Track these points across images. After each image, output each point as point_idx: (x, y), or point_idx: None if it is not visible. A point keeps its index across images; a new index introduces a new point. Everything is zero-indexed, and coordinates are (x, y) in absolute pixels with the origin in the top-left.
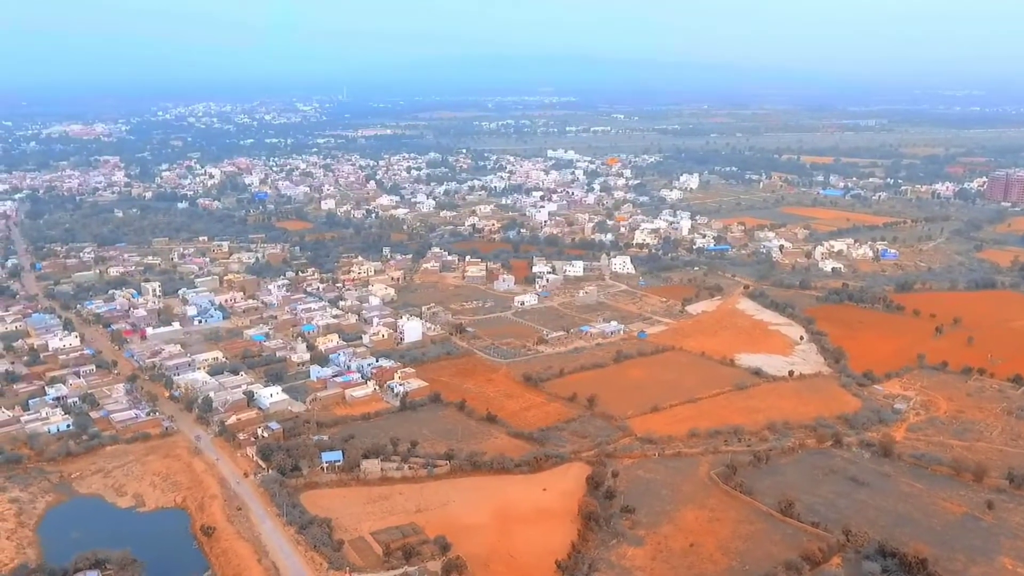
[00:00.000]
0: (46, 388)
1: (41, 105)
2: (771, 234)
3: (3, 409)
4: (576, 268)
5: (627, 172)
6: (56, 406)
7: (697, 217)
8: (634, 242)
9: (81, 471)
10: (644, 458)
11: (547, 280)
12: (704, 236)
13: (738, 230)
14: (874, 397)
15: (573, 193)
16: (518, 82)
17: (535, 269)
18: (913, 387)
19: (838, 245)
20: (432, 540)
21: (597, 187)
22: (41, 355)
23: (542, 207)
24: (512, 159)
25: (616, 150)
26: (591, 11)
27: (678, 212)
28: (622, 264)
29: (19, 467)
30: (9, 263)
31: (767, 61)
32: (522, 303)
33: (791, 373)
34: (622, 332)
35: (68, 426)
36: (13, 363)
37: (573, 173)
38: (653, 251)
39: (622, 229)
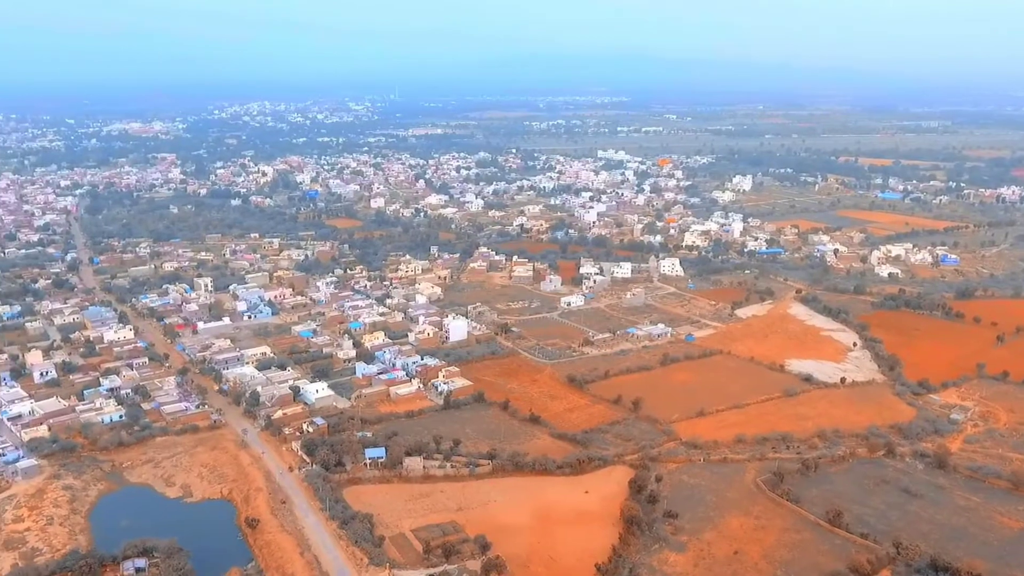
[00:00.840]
0: (101, 379)
1: (103, 104)
2: (826, 238)
3: (59, 399)
4: (624, 270)
5: (678, 173)
6: (110, 397)
7: (749, 219)
8: (683, 244)
9: (132, 461)
10: (689, 463)
11: (594, 281)
12: (756, 239)
13: (791, 233)
14: (930, 407)
15: (623, 194)
16: (570, 82)
17: (582, 270)
18: (971, 397)
19: (896, 250)
20: (472, 539)
21: (647, 188)
22: (97, 347)
23: (591, 208)
24: (562, 159)
25: (668, 151)
26: (646, 11)
27: (730, 214)
28: (671, 266)
29: (73, 455)
30: (69, 257)
31: (826, 61)
32: (568, 304)
33: (843, 380)
34: (669, 335)
35: (121, 417)
36: (70, 354)
37: (623, 174)
38: (703, 253)
39: (672, 231)
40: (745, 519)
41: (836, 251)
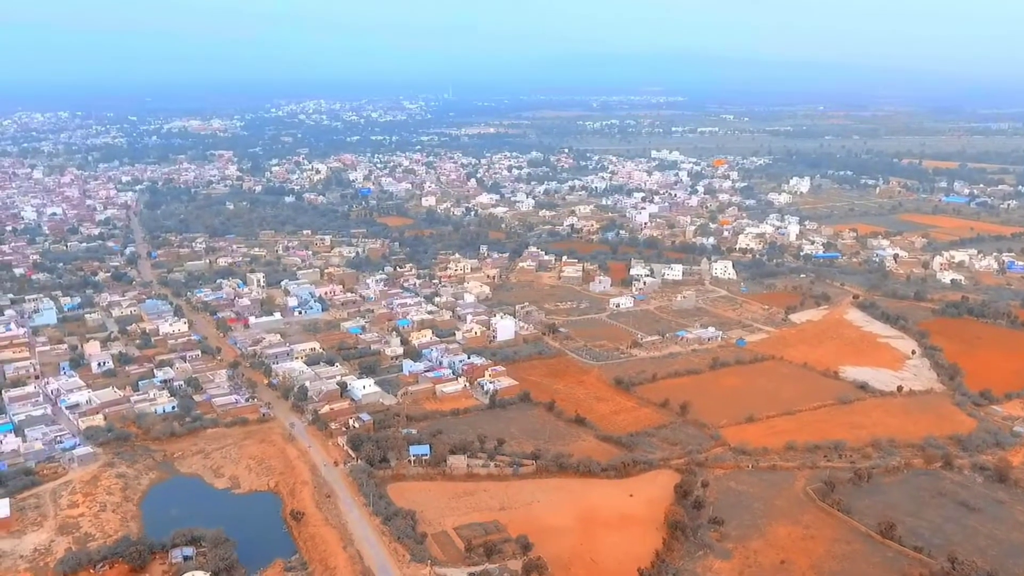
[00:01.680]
0: (155, 371)
1: (164, 101)
2: (885, 242)
3: (115, 389)
4: (675, 272)
5: (733, 174)
6: (163, 388)
7: (806, 222)
8: (737, 247)
9: (183, 451)
10: (737, 469)
11: (644, 283)
12: (812, 242)
13: (850, 237)
14: (991, 418)
15: (676, 195)
16: (625, 81)
17: (632, 271)
18: None
19: (959, 255)
20: (514, 539)
21: (701, 189)
22: (152, 339)
23: (643, 208)
24: (614, 159)
25: (723, 151)
26: (704, 9)
27: (786, 217)
28: (723, 269)
29: (127, 444)
30: (128, 251)
31: (892, 60)
32: (617, 305)
33: (900, 388)
34: (720, 339)
35: (173, 408)
36: (127, 345)
37: (677, 174)
38: (757, 256)
39: (725, 233)
40: (793, 528)
41: (896, 256)
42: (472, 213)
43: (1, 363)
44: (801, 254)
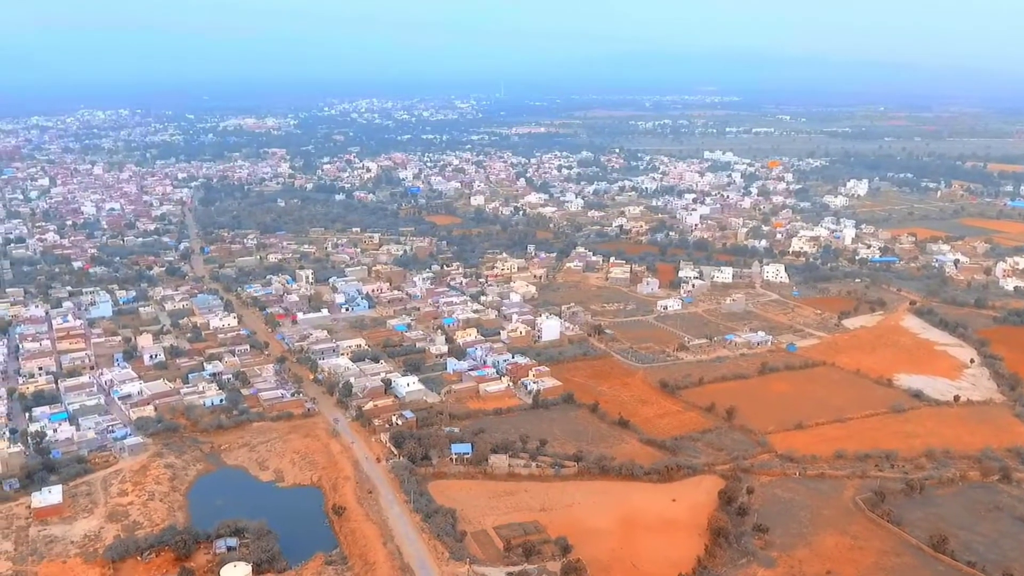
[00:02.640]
0: (204, 364)
1: (221, 100)
2: (946, 247)
3: (166, 381)
4: (725, 274)
5: (788, 176)
6: (212, 381)
7: (862, 226)
8: (790, 250)
9: (229, 444)
10: (783, 476)
11: (693, 285)
12: (869, 246)
13: (908, 241)
14: None
15: (728, 196)
16: (680, 81)
17: (681, 273)
18: None
19: None
20: (554, 540)
21: (754, 191)
22: (203, 333)
23: (694, 210)
24: (666, 160)
25: (778, 153)
26: (763, 7)
27: (841, 220)
28: (775, 272)
29: (176, 435)
30: (182, 246)
31: (958, 60)
32: (665, 307)
33: (956, 398)
34: (769, 343)
35: (221, 401)
36: (178, 339)
37: (729, 176)
38: (811, 260)
39: (778, 236)
40: (841, 538)
41: (957, 262)
42: (520, 213)
43: (59, 353)
44: (857, 258)
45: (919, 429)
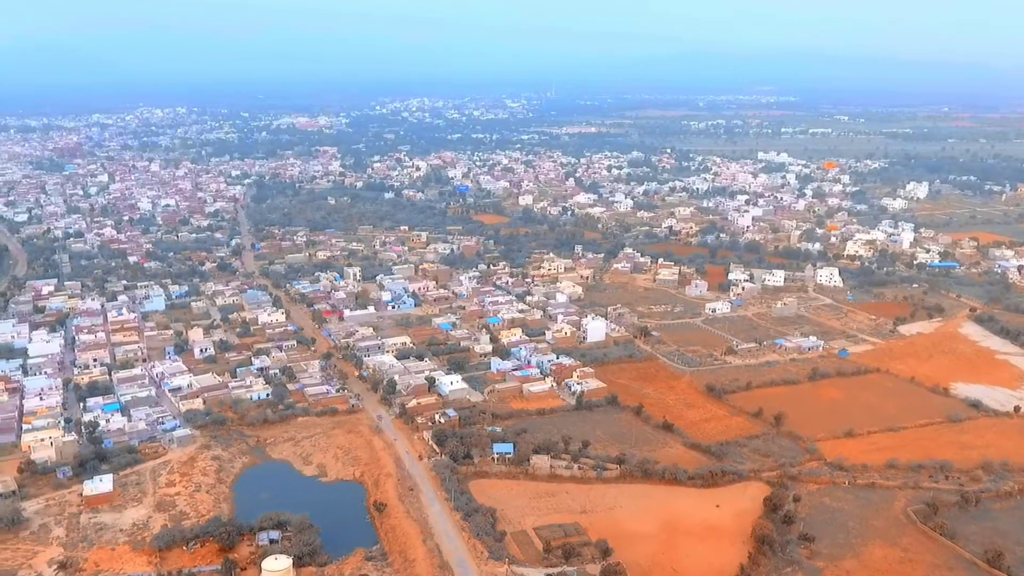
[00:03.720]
0: (252, 359)
1: (275, 98)
2: (1009, 252)
3: (214, 375)
4: (776, 277)
5: (845, 178)
6: (259, 376)
7: (921, 230)
8: (845, 253)
9: (274, 437)
10: (832, 485)
11: (743, 288)
12: (928, 251)
13: (969, 246)
14: None
15: (781, 198)
16: (735, 81)
17: (731, 276)
18: None
19: None
20: (594, 543)
21: (809, 193)
22: (251, 328)
23: (746, 211)
24: (718, 160)
25: (835, 154)
26: (822, 6)
27: (899, 223)
28: (829, 276)
29: (223, 428)
30: (233, 242)
31: None
32: (713, 310)
33: (1017, 409)
34: (821, 348)
35: (267, 395)
36: (227, 333)
37: (784, 177)
38: (866, 264)
39: (832, 239)
40: (890, 550)
41: (1021, 268)
42: (569, 213)
43: (113, 346)
44: (914, 263)
45: (976, 440)
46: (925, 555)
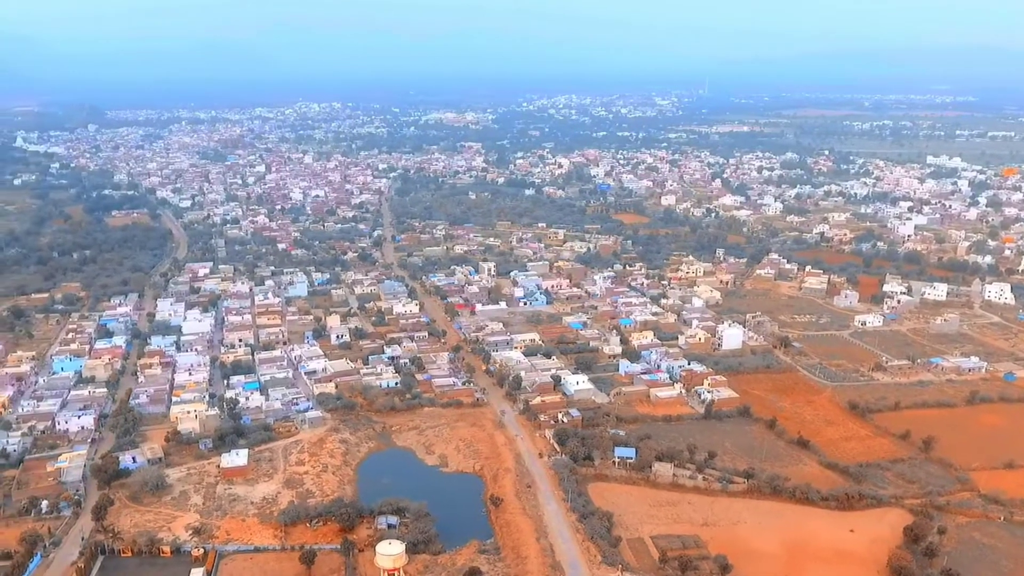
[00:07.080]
0: (384, 347)
1: (426, 94)
2: None
3: (348, 361)
4: (938, 291)
5: None
6: (390, 364)
7: None
8: (1020, 268)
9: (400, 425)
10: (985, 519)
11: (898, 301)
12: None
13: None
14: None
15: (950, 206)
16: (907, 79)
17: (886, 287)
18: None
19: None
20: (713, 557)
21: (983, 201)
22: (386, 317)
23: (908, 219)
24: (881, 164)
25: (1017, 160)
26: None
27: None
28: (999, 292)
29: (352, 413)
30: (375, 234)
31: None
32: (863, 323)
33: None
34: (984, 370)
35: (396, 384)
36: (363, 321)
37: (955, 183)
38: None
39: (1007, 252)
40: None
41: None
42: (712, 215)
43: (257, 328)
44: None
45: None
46: None
